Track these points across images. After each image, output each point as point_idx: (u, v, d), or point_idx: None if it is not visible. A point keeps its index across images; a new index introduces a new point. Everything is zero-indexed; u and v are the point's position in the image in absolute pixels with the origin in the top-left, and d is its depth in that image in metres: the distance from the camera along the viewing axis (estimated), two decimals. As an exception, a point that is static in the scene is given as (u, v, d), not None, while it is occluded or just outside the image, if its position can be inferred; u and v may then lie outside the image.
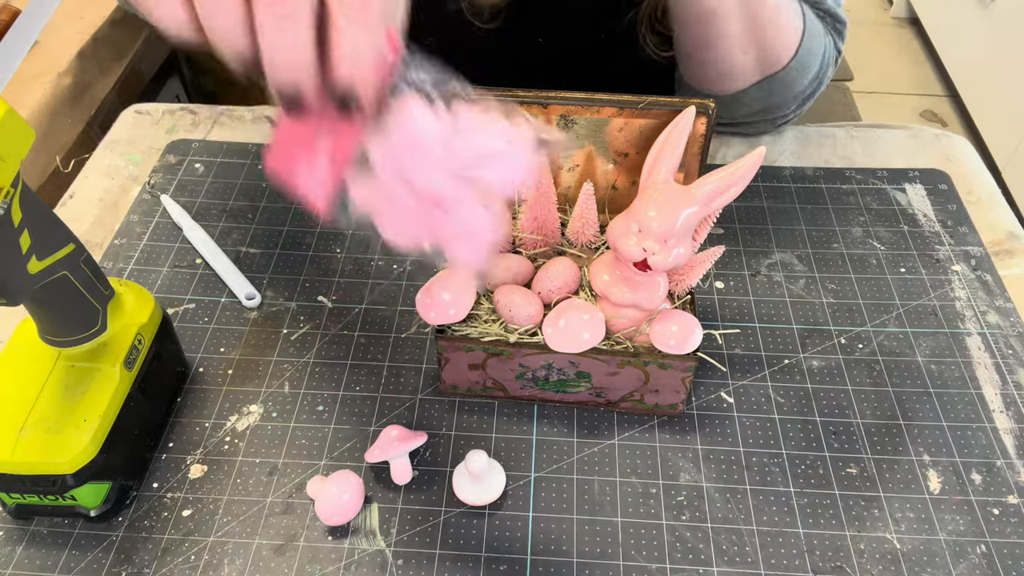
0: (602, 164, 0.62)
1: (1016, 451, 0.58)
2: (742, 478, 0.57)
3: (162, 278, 0.69)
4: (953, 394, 0.62)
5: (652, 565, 0.52)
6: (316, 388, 0.62)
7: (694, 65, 0.72)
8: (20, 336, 0.54)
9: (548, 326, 0.56)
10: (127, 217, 0.74)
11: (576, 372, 0.57)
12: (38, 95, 0.89)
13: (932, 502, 0.56)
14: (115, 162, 0.80)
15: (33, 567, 0.52)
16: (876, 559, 0.53)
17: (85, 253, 0.51)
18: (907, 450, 0.58)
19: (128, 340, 0.54)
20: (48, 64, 0.91)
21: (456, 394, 0.61)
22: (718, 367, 0.63)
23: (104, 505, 0.53)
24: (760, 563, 0.53)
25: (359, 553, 0.53)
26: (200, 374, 0.63)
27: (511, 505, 0.55)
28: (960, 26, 2.30)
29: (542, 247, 0.61)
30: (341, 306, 0.67)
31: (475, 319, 0.57)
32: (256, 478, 0.56)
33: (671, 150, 0.56)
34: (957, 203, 0.76)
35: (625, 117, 0.58)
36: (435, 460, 0.58)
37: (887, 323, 0.66)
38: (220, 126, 0.84)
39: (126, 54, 1.02)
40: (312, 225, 0.74)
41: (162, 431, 0.59)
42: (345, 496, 0.53)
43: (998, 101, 2.10)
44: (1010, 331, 0.66)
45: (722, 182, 0.53)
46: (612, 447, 0.58)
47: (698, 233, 0.56)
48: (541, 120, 0.59)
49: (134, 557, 0.52)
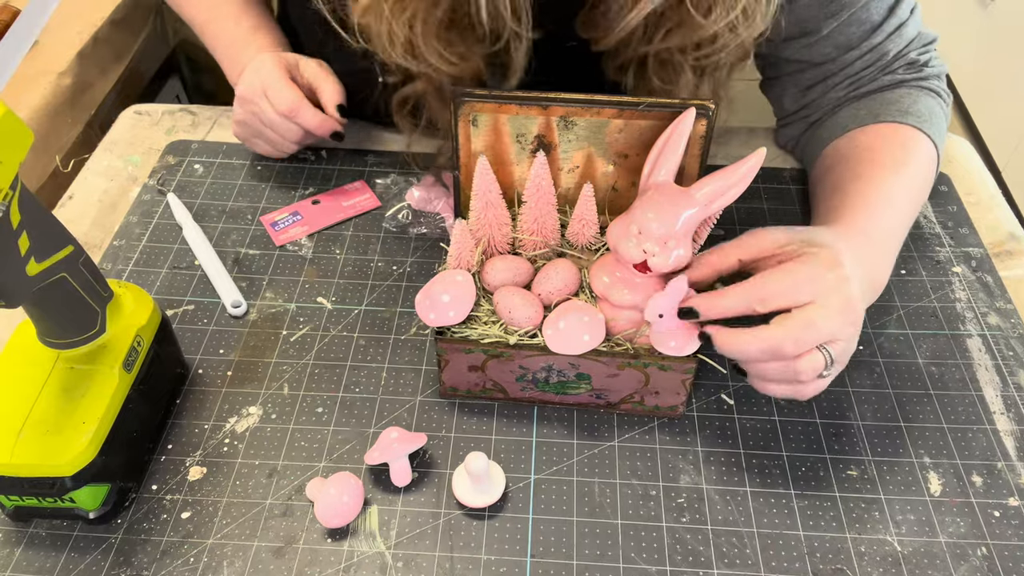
0: (602, 165, 0.62)
1: (1017, 453, 0.58)
2: (742, 480, 0.57)
3: (161, 279, 0.69)
4: (954, 396, 0.62)
5: (652, 567, 0.52)
6: (315, 390, 0.62)
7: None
8: (19, 338, 0.54)
9: (548, 328, 0.56)
10: (126, 218, 0.74)
11: (576, 374, 0.57)
12: (38, 95, 0.88)
13: (933, 504, 0.56)
14: (114, 163, 0.80)
15: (32, 569, 0.52)
16: (877, 561, 0.53)
17: (84, 255, 0.51)
18: (908, 452, 0.58)
19: (127, 342, 0.54)
20: (48, 64, 0.91)
21: (456, 396, 0.61)
22: (718, 369, 0.63)
23: (103, 507, 0.53)
24: (760, 565, 0.52)
25: (358, 555, 0.53)
26: (199, 376, 0.62)
27: (511, 507, 0.55)
28: (960, 26, 2.29)
29: (542, 248, 0.61)
30: (340, 307, 0.67)
31: (475, 321, 0.57)
32: (255, 480, 0.56)
33: (671, 151, 0.56)
34: (957, 204, 0.76)
35: (625, 118, 0.58)
36: (435, 462, 0.58)
37: (887, 325, 0.66)
38: (220, 126, 0.84)
39: (126, 54, 1.01)
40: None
41: (161, 433, 0.59)
42: (345, 498, 0.53)
43: (998, 101, 2.10)
44: (1011, 332, 0.65)
45: (722, 183, 0.53)
46: (612, 449, 0.58)
47: (699, 235, 0.56)
48: (540, 120, 0.59)
49: (133, 559, 0.52)
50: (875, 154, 0.66)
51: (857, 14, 0.68)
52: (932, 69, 0.72)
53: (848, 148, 0.68)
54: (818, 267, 0.51)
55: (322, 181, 0.78)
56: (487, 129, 0.60)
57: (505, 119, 0.59)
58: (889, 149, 0.66)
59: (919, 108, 0.69)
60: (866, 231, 0.59)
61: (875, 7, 0.68)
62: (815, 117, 0.74)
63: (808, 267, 0.51)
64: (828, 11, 0.67)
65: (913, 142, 0.67)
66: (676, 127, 0.56)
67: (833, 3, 0.67)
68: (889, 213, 0.61)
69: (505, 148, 0.61)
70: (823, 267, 0.51)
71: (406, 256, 0.71)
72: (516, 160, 0.62)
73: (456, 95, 0.58)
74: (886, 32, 0.69)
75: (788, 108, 0.76)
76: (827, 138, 0.72)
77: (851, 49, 0.70)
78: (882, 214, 0.61)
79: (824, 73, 0.72)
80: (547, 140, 0.60)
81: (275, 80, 0.72)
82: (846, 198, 0.62)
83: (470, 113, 0.58)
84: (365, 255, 0.71)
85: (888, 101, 0.70)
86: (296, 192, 0.77)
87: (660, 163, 0.56)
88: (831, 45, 0.70)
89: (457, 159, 0.61)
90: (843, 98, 0.72)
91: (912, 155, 0.66)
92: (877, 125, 0.68)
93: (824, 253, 0.52)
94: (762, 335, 0.51)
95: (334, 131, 0.74)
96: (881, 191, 0.62)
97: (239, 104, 0.74)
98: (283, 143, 0.76)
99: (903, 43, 0.70)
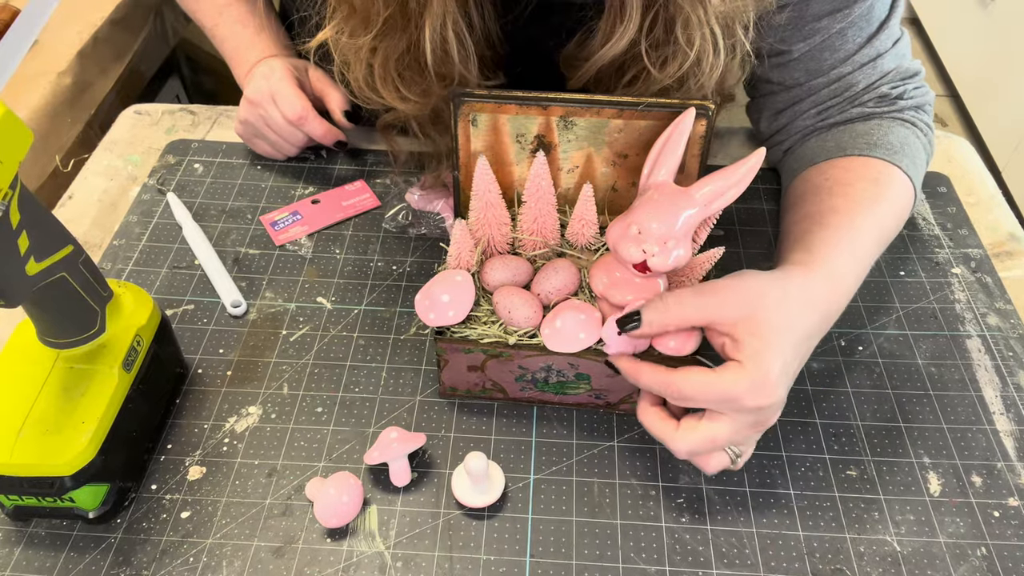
0: (601, 165, 0.62)
1: (1016, 453, 0.58)
2: (742, 480, 0.57)
3: (161, 279, 0.69)
4: (953, 396, 0.62)
5: (651, 567, 0.52)
6: (315, 390, 0.62)
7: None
8: (19, 338, 0.54)
9: (545, 327, 0.56)
10: (126, 218, 0.74)
11: (575, 374, 0.57)
12: (38, 95, 0.88)
13: (932, 504, 0.56)
14: (114, 162, 0.80)
15: (31, 569, 0.52)
16: (876, 561, 0.53)
17: (84, 255, 0.51)
18: (907, 452, 0.58)
19: (127, 341, 0.54)
20: (48, 64, 0.91)
21: (455, 396, 0.61)
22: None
23: (102, 507, 0.53)
24: (760, 565, 0.52)
25: (358, 555, 0.53)
26: (199, 375, 0.62)
27: (510, 507, 0.55)
28: (960, 26, 2.29)
29: (541, 248, 0.61)
30: (340, 307, 0.67)
31: (474, 321, 0.57)
32: (255, 480, 0.56)
33: (671, 151, 0.56)
34: (957, 205, 0.76)
35: (625, 118, 0.58)
36: (434, 462, 0.58)
37: (887, 325, 0.66)
38: (219, 126, 0.84)
39: (126, 54, 1.01)
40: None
41: (161, 433, 0.59)
42: (344, 498, 0.53)
43: (998, 101, 2.10)
44: (1010, 333, 0.66)
45: (722, 184, 0.53)
46: (611, 449, 0.58)
47: (698, 235, 0.56)
48: (540, 120, 0.59)
49: (132, 559, 0.52)
50: (845, 188, 0.63)
51: (831, 40, 0.66)
52: (907, 101, 0.68)
53: (818, 180, 0.66)
54: (740, 385, 0.49)
55: (322, 181, 0.78)
56: (487, 129, 0.60)
57: (505, 119, 0.59)
58: (860, 184, 0.63)
59: (890, 140, 0.66)
60: (830, 272, 0.56)
61: (851, 35, 0.66)
62: (787, 145, 0.73)
63: (731, 384, 0.49)
64: (801, 33, 0.66)
65: (885, 176, 0.64)
66: (676, 127, 0.56)
67: (807, 26, 0.65)
68: (854, 252, 0.59)
69: (505, 148, 0.61)
70: (746, 387, 0.49)
71: (406, 256, 0.71)
72: (516, 160, 0.62)
73: (456, 95, 0.58)
74: (858, 63, 0.67)
75: (764, 131, 0.75)
76: (796, 168, 0.70)
77: (820, 76, 0.68)
78: (848, 253, 0.58)
79: (793, 98, 0.70)
80: (547, 140, 0.60)
81: (284, 87, 0.74)
82: (811, 235, 0.59)
83: (470, 113, 0.58)
84: (365, 255, 0.71)
85: (857, 133, 0.67)
86: (296, 192, 0.77)
87: (660, 163, 0.56)
88: (801, 69, 0.68)
89: (457, 159, 0.61)
90: (811, 127, 0.70)
91: (884, 189, 0.63)
92: (846, 158, 0.66)
93: (757, 369, 0.49)
94: (663, 432, 0.52)
95: (338, 140, 0.76)
96: (850, 230, 0.59)
97: (247, 105, 0.76)
98: (285, 146, 0.77)
99: (876, 76, 0.68)
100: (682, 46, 0.57)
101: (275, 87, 0.74)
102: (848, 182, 0.63)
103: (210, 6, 0.81)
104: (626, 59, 0.60)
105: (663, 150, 0.56)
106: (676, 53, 0.58)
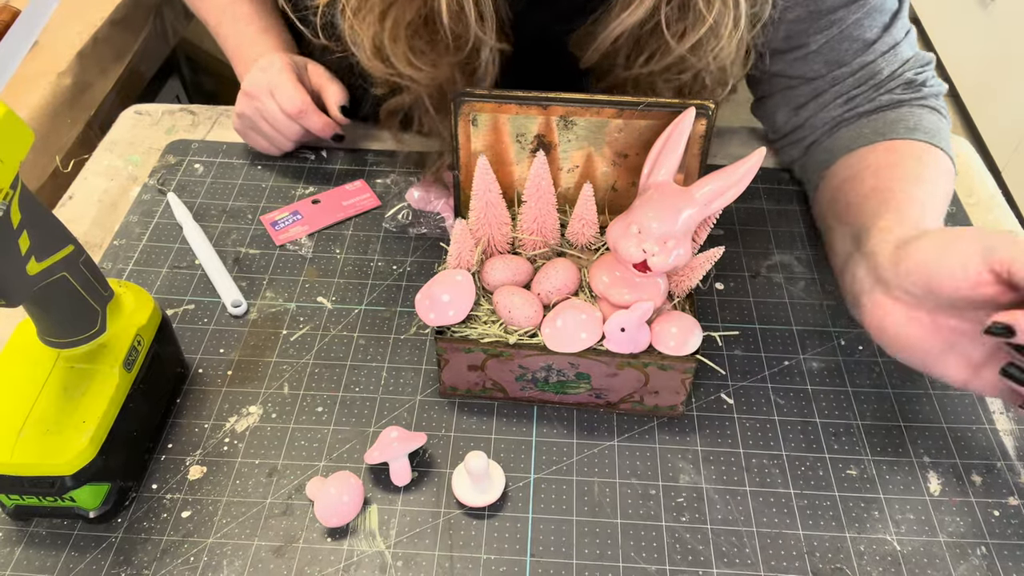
0: (602, 165, 0.62)
1: (1016, 452, 0.58)
2: (742, 479, 0.57)
3: (161, 279, 0.69)
4: (953, 395, 0.62)
5: (652, 567, 0.52)
6: (315, 389, 0.62)
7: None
8: (19, 337, 0.54)
9: (546, 326, 0.56)
10: (126, 218, 0.74)
11: (576, 373, 0.57)
12: (38, 95, 0.88)
13: (932, 503, 0.56)
14: (114, 162, 0.80)
15: (32, 568, 0.52)
16: (876, 561, 0.53)
17: (84, 254, 0.51)
18: (907, 451, 0.58)
19: (127, 341, 0.54)
20: (48, 64, 0.91)
21: (456, 395, 0.61)
22: (717, 369, 0.63)
23: (103, 506, 0.53)
24: (760, 565, 0.52)
25: (358, 555, 0.53)
26: (199, 375, 0.62)
27: (511, 506, 0.55)
28: (960, 26, 2.29)
29: (542, 248, 0.61)
30: (340, 307, 0.67)
31: (474, 320, 0.57)
32: (255, 479, 0.56)
33: (671, 151, 0.56)
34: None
35: (625, 118, 0.58)
36: (434, 461, 0.58)
37: (887, 324, 0.66)
38: (220, 126, 0.84)
39: (126, 54, 1.01)
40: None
41: (161, 432, 0.59)
42: (344, 497, 0.53)
43: (998, 101, 2.10)
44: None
45: (722, 183, 0.53)
46: (612, 448, 0.58)
47: (698, 234, 0.56)
48: (540, 120, 0.59)
49: (133, 558, 0.52)
50: (894, 169, 0.63)
51: (848, 30, 0.67)
52: (930, 88, 0.70)
53: (861, 165, 0.66)
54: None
55: (322, 181, 0.78)
56: (487, 129, 0.60)
57: (505, 119, 0.59)
58: (908, 163, 0.64)
59: (925, 125, 0.67)
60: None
61: (868, 24, 0.67)
62: (811, 139, 0.73)
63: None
64: (818, 25, 0.66)
65: (930, 156, 0.65)
66: (676, 127, 0.56)
67: (823, 18, 0.66)
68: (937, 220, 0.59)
69: (505, 148, 0.61)
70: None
71: (406, 256, 0.71)
72: (516, 160, 0.62)
73: (456, 95, 0.58)
74: (879, 51, 0.68)
75: (781, 128, 0.75)
76: (828, 160, 0.70)
77: (843, 66, 0.68)
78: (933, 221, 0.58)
79: (815, 90, 0.70)
80: (547, 140, 0.60)
81: (283, 81, 0.73)
82: (892, 202, 0.59)
83: (470, 113, 0.58)
84: (365, 255, 0.71)
85: (891, 120, 0.68)
86: (296, 192, 0.77)
87: (660, 163, 0.56)
88: (821, 61, 0.68)
89: (457, 159, 0.61)
90: (839, 118, 0.70)
91: (930, 169, 0.64)
92: (887, 142, 0.66)
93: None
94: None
95: (335, 133, 0.76)
96: (932, 196, 0.60)
97: (243, 98, 0.75)
98: (281, 140, 0.77)
99: (898, 63, 0.69)
100: (702, 11, 0.57)
101: (274, 80, 0.73)
102: (895, 163, 0.64)
103: (214, 4, 0.81)
104: (642, 33, 0.59)
105: (663, 150, 0.56)
106: (696, 23, 0.57)
